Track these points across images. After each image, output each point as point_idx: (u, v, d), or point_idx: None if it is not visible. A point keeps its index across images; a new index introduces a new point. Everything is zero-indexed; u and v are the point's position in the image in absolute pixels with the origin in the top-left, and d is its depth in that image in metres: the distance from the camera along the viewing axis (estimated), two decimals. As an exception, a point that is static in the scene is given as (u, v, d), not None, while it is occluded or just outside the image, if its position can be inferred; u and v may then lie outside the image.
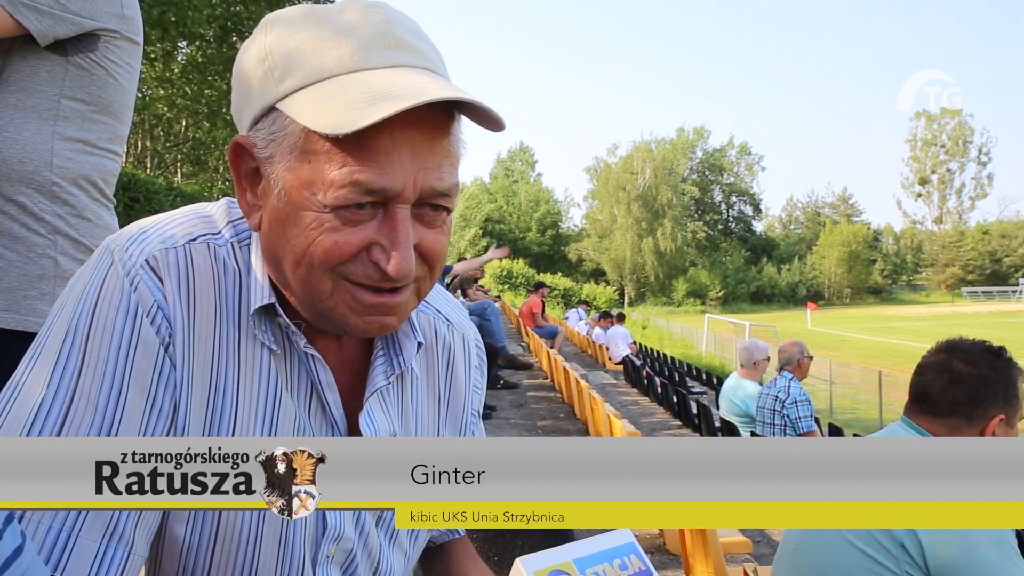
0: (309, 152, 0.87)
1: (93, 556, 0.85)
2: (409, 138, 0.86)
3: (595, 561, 0.79)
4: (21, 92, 1.68)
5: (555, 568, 0.76)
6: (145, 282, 0.92)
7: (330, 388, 1.01)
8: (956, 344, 2.15)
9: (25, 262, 1.68)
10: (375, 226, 0.88)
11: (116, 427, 0.88)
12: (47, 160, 1.69)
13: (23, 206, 1.67)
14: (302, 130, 0.87)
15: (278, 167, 0.89)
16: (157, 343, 0.91)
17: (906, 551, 1.84)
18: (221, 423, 0.95)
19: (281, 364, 0.99)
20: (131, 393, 0.89)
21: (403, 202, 0.88)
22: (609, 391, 13.10)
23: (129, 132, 1.97)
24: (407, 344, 1.07)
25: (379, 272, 0.89)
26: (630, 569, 0.80)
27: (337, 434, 1.02)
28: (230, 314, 0.96)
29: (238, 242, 1.00)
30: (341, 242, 0.87)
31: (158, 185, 11.63)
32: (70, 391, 0.87)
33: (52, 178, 1.70)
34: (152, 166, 19.80)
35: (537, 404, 10.51)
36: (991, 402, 2.03)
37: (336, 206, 0.86)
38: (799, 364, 6.95)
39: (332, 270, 0.89)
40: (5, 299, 1.67)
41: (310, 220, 0.87)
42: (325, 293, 0.91)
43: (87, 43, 1.73)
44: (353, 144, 0.84)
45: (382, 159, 0.85)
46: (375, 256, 0.89)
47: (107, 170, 1.84)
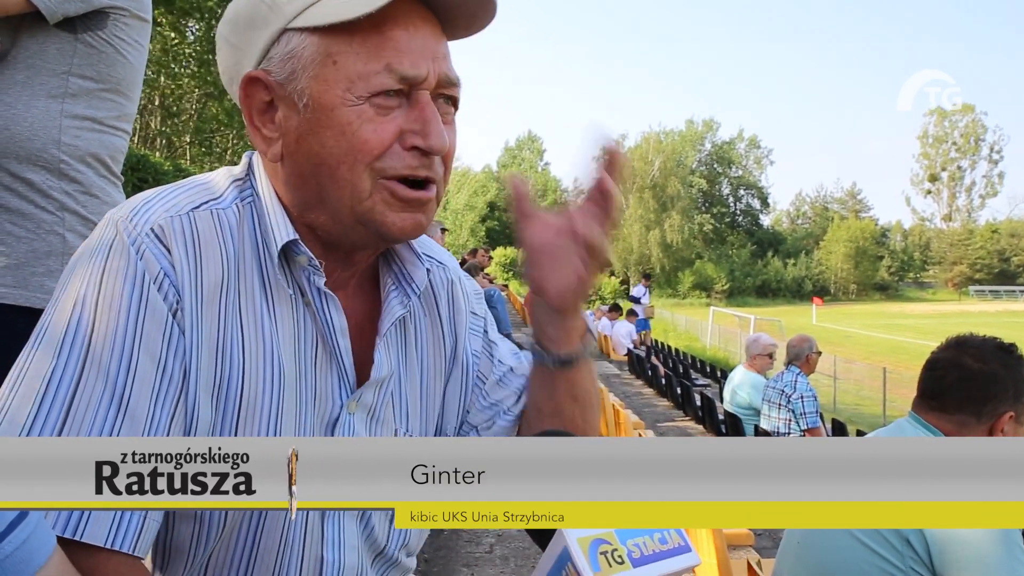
0: (333, 54, 0.93)
1: (110, 520, 0.87)
2: (421, 30, 0.95)
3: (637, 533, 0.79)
4: (30, 70, 1.69)
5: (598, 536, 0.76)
6: (151, 250, 0.93)
7: (343, 333, 1.03)
8: (966, 340, 2.13)
9: (33, 239, 1.70)
10: (403, 115, 0.95)
11: (128, 394, 0.89)
12: (55, 138, 1.70)
13: (31, 183, 1.68)
14: (322, 37, 0.93)
15: (301, 81, 0.94)
16: (165, 310, 0.92)
17: (912, 548, 1.84)
18: (230, 386, 0.96)
19: (287, 314, 1.01)
20: (142, 360, 0.90)
21: (425, 88, 0.95)
22: (613, 381, 13.13)
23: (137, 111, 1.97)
24: (416, 272, 1.11)
25: (416, 157, 0.96)
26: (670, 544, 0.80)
27: (344, 383, 1.04)
28: (235, 275, 0.98)
29: (241, 202, 1.02)
30: (379, 130, 0.93)
31: (165, 167, 11.67)
32: (80, 360, 0.88)
33: (60, 155, 1.71)
34: (160, 147, 19.83)
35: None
36: (1001, 399, 2.02)
37: (370, 93, 0.92)
38: (807, 359, 6.95)
39: (371, 166, 0.94)
40: (13, 275, 1.68)
41: (345, 116, 0.93)
42: (365, 192, 0.95)
43: (96, 21, 1.74)
44: (375, 35, 0.92)
45: (405, 47, 0.93)
46: (410, 141, 0.95)
47: (115, 147, 1.85)
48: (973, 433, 2.01)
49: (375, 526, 1.09)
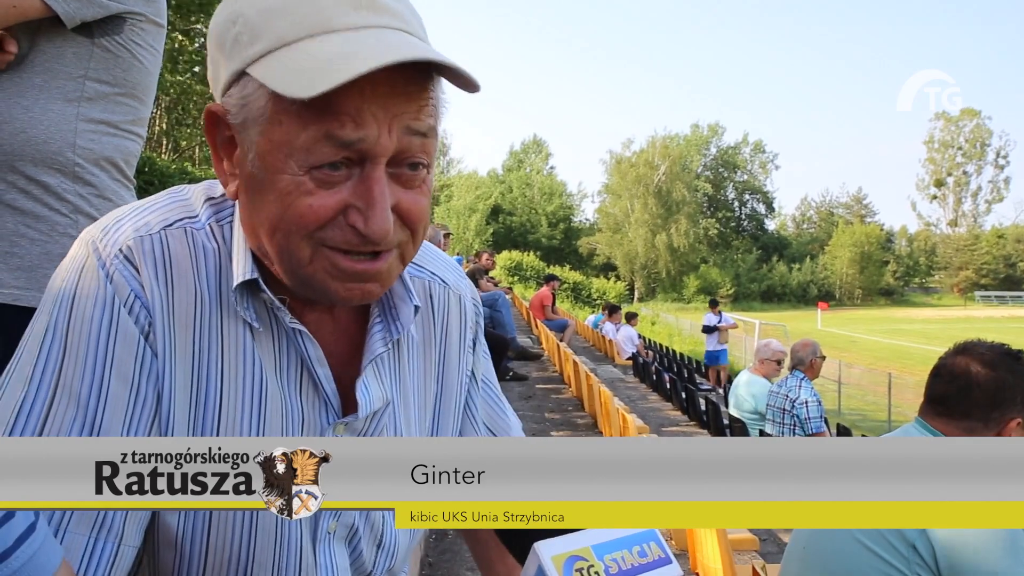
0: (280, 113, 0.85)
1: (83, 550, 0.85)
2: (380, 94, 0.84)
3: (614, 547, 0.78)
4: (47, 73, 1.70)
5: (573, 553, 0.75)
6: (121, 272, 0.91)
7: (320, 363, 0.99)
8: (974, 346, 2.12)
9: (47, 241, 1.71)
10: (350, 188, 0.87)
11: (99, 419, 0.88)
12: (70, 141, 1.71)
13: (46, 186, 1.69)
14: (271, 93, 0.85)
15: (251, 132, 0.88)
16: (136, 332, 0.90)
17: (917, 552, 1.83)
18: (206, 410, 0.94)
19: (267, 343, 0.98)
20: (113, 384, 0.89)
21: (379, 156, 0.86)
22: (618, 386, 13.09)
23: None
24: (404, 309, 1.05)
25: (357, 235, 0.87)
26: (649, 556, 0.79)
27: (330, 409, 1.01)
28: (211, 297, 0.95)
29: (216, 222, 0.99)
30: (316, 205, 0.86)
31: (171, 170, 11.69)
32: (52, 386, 0.87)
33: (75, 159, 1.72)
34: (167, 149, 19.84)
35: (546, 396, 10.51)
36: (1008, 405, 2.01)
37: (310, 166, 0.85)
38: (811, 364, 6.93)
39: (309, 236, 0.87)
40: (26, 277, 1.69)
41: (284, 184, 0.86)
42: (304, 260, 0.89)
43: (113, 25, 1.74)
44: (324, 104, 0.82)
45: (354, 112, 0.83)
46: (351, 219, 0.87)
47: (129, 151, 1.86)
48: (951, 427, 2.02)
49: (363, 551, 1.07)
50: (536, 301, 17.56)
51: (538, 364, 12.71)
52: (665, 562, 0.80)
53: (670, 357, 21.11)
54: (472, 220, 69.24)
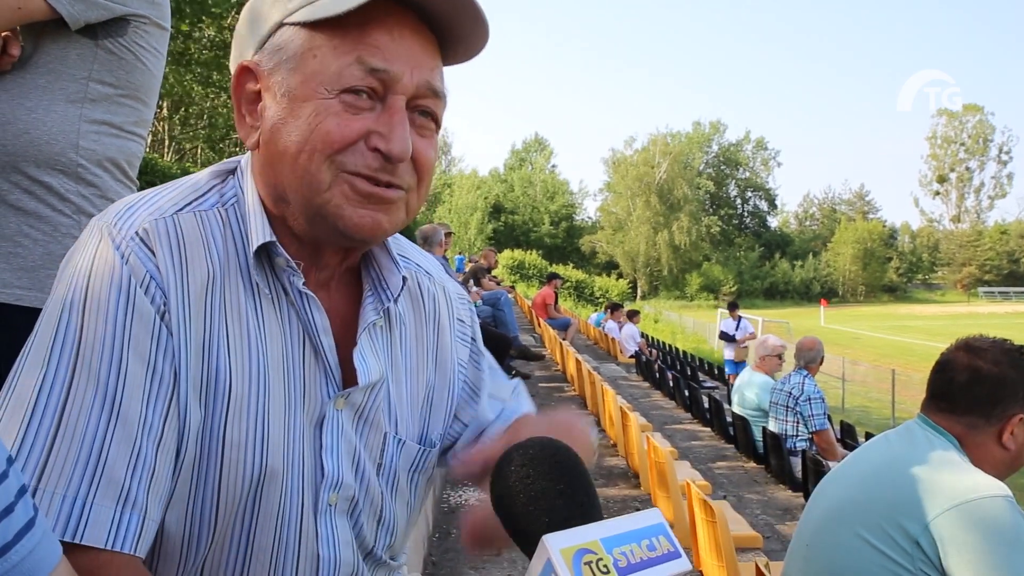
0: (314, 48, 0.94)
1: (109, 522, 0.87)
2: (406, 37, 0.95)
3: (623, 541, 0.77)
4: (51, 74, 1.71)
5: (582, 546, 0.75)
6: (137, 254, 0.94)
7: (325, 332, 1.04)
8: (977, 342, 2.11)
9: (49, 241, 1.71)
10: (373, 116, 0.95)
11: (119, 398, 0.89)
12: (73, 142, 1.72)
13: (49, 187, 1.70)
14: (307, 32, 0.94)
15: (283, 72, 0.96)
16: (153, 312, 0.93)
17: (921, 549, 1.83)
18: (217, 386, 0.96)
19: (272, 314, 1.01)
20: (131, 363, 0.91)
21: (400, 92, 0.95)
22: (621, 384, 13.09)
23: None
24: (392, 279, 1.11)
25: (378, 159, 0.95)
26: (659, 550, 0.79)
27: (331, 381, 1.05)
28: (220, 275, 0.99)
29: (222, 205, 1.03)
30: (342, 125, 0.93)
31: (173, 171, 11.69)
32: (71, 365, 0.89)
33: (78, 159, 1.73)
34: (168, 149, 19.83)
35: (549, 395, 10.51)
36: (1011, 401, 2.00)
37: (340, 88, 0.93)
38: (820, 361, 6.95)
39: (331, 160, 0.94)
40: (29, 277, 1.70)
41: (313, 107, 0.94)
42: (323, 184, 0.95)
43: (117, 28, 1.76)
44: (357, 34, 0.93)
45: (383, 46, 0.94)
46: (373, 142, 0.95)
47: (132, 152, 1.87)
48: (982, 435, 2.01)
49: (363, 524, 1.09)
50: (539, 300, 17.57)
51: (541, 363, 12.69)
52: (675, 555, 0.80)
53: (673, 355, 21.11)
54: (473, 218, 69.24)
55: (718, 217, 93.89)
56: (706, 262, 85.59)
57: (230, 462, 0.97)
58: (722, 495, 6.50)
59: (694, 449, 8.68)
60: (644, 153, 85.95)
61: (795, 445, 6.85)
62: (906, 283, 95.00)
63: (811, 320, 51.06)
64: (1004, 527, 1.78)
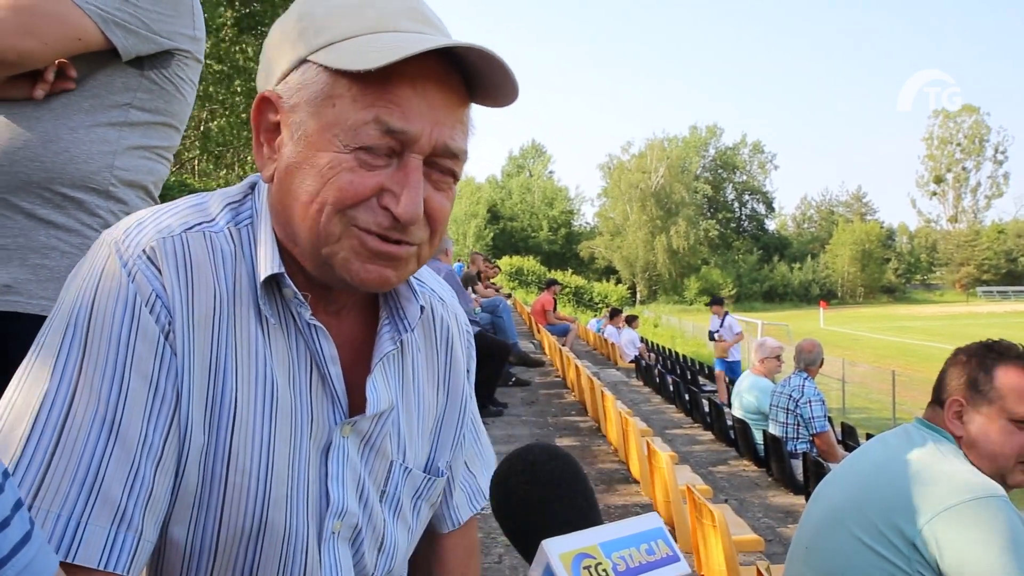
0: (335, 96, 0.92)
1: (103, 542, 0.86)
2: (429, 92, 0.93)
3: (622, 545, 0.77)
4: (95, 99, 1.77)
5: (581, 551, 0.75)
6: (143, 272, 0.93)
7: (333, 361, 1.03)
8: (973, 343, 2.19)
9: (77, 254, 1.75)
10: (388, 173, 0.93)
11: (119, 416, 0.89)
12: (109, 163, 1.77)
13: (80, 202, 1.75)
14: (330, 76, 0.93)
15: (301, 113, 0.95)
16: (157, 331, 0.92)
17: (917, 551, 1.84)
18: (222, 407, 0.96)
19: (281, 341, 1.01)
20: (133, 381, 0.90)
21: (417, 152, 0.93)
22: (621, 389, 13.08)
23: None
24: (410, 309, 1.10)
25: (388, 218, 0.93)
26: (657, 554, 0.79)
27: (338, 408, 1.04)
28: (228, 298, 0.98)
29: (235, 226, 1.03)
30: (356, 182, 0.92)
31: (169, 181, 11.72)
32: (73, 382, 0.89)
33: (110, 179, 1.78)
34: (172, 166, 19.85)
35: (549, 401, 10.51)
36: (955, 387, 2.11)
37: (356, 145, 0.91)
38: (820, 364, 6.96)
39: (342, 213, 0.93)
40: (55, 289, 1.74)
41: (328, 160, 0.92)
42: (333, 236, 0.94)
43: (162, 60, 1.84)
44: (378, 88, 0.91)
45: (404, 104, 0.91)
46: (385, 201, 0.93)
47: (159, 175, 1.94)
48: (941, 419, 2.11)
49: (365, 552, 1.09)
50: (537, 306, 17.56)
51: (540, 369, 12.69)
52: (673, 560, 0.80)
53: (673, 359, 21.10)
54: (471, 226, 69.33)
55: (716, 221, 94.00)
56: (705, 266, 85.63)
57: (234, 486, 0.96)
58: (723, 499, 6.49)
59: (695, 453, 8.67)
60: (641, 158, 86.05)
61: (796, 447, 6.85)
62: (905, 284, 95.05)
63: (811, 322, 51.07)
64: (999, 528, 1.79)
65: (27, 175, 1.68)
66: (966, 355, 2.14)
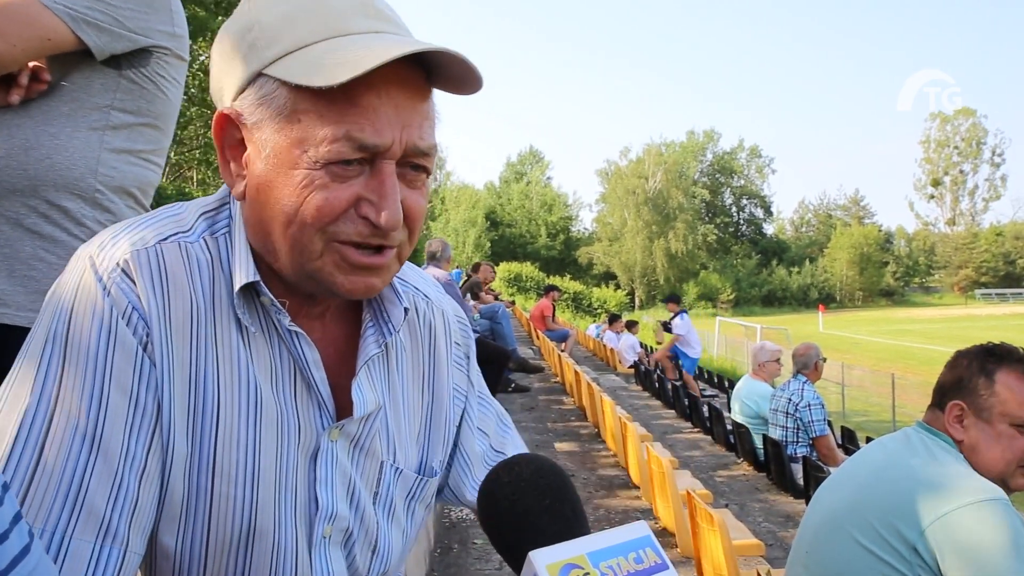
0: (299, 112, 0.90)
1: (88, 556, 0.86)
2: (394, 96, 0.91)
3: (610, 554, 0.77)
4: (74, 102, 1.74)
5: (568, 561, 0.74)
6: (118, 285, 0.93)
7: (316, 366, 1.02)
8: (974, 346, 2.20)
9: (64, 265, 1.72)
10: (362, 182, 0.92)
11: (100, 430, 0.88)
12: (93, 168, 1.74)
13: (66, 211, 1.72)
14: (291, 91, 0.90)
15: (266, 130, 0.93)
16: (135, 343, 0.92)
17: (918, 555, 1.83)
18: (204, 417, 0.96)
19: (263, 349, 1.00)
20: (113, 394, 0.90)
21: (389, 158, 0.92)
22: (620, 394, 13.07)
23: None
24: (394, 311, 1.09)
25: (368, 227, 0.93)
26: (646, 562, 0.78)
27: (325, 413, 1.03)
28: (206, 307, 0.98)
29: (211, 235, 1.02)
30: (331, 198, 0.91)
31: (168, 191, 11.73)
32: (52, 397, 0.88)
33: (96, 185, 1.75)
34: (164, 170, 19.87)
35: (548, 407, 10.50)
36: (954, 391, 2.11)
37: (328, 161, 0.90)
38: (815, 367, 6.94)
39: (322, 230, 0.92)
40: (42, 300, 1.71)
41: (300, 178, 0.91)
42: (315, 254, 0.94)
43: (140, 58, 1.80)
44: (342, 101, 0.88)
45: (371, 115, 0.89)
46: (364, 211, 0.92)
47: (147, 180, 1.90)
48: (942, 423, 2.10)
49: (357, 555, 1.08)
50: (536, 312, 17.57)
51: (540, 375, 12.68)
52: (662, 567, 0.79)
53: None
54: (471, 234, 69.44)
55: (714, 225, 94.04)
56: (703, 271, 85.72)
57: (220, 494, 0.96)
58: (724, 503, 6.49)
59: (695, 458, 8.66)
60: (638, 164, 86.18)
61: (796, 452, 6.84)
62: (903, 287, 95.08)
63: (810, 326, 51.06)
64: (1001, 531, 1.78)
65: (11, 184, 1.66)
66: (966, 358, 2.13)
